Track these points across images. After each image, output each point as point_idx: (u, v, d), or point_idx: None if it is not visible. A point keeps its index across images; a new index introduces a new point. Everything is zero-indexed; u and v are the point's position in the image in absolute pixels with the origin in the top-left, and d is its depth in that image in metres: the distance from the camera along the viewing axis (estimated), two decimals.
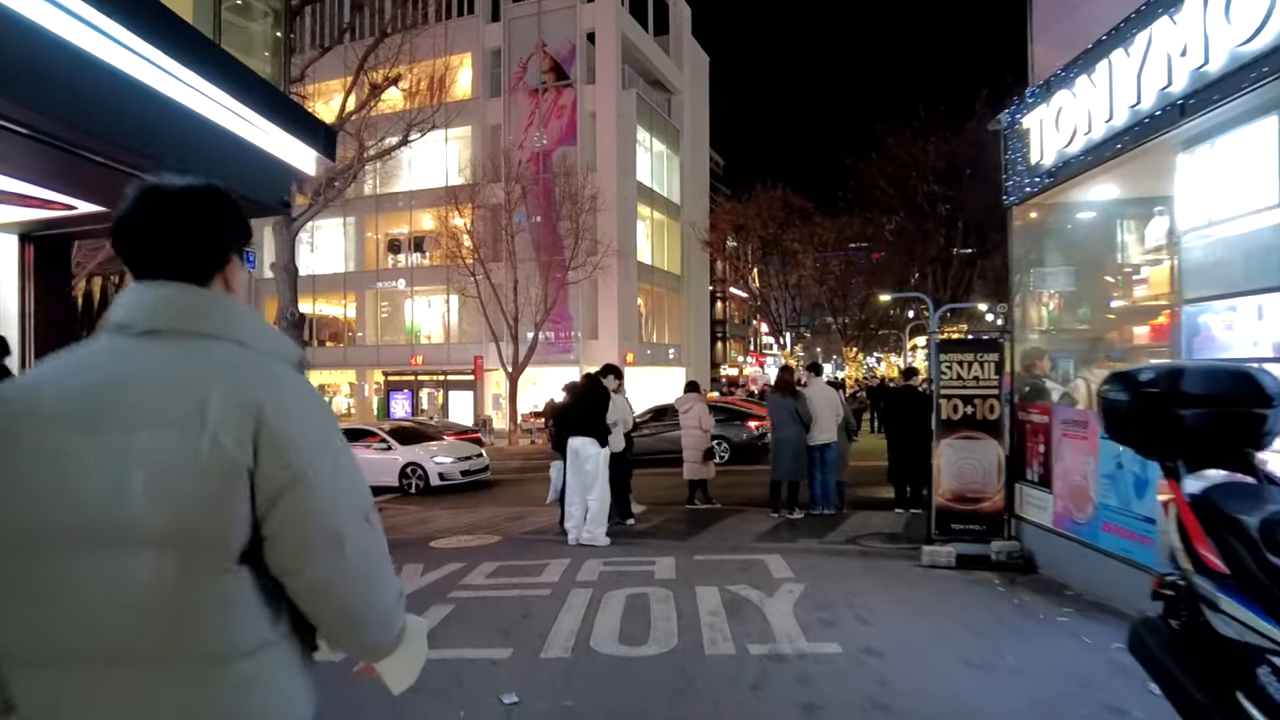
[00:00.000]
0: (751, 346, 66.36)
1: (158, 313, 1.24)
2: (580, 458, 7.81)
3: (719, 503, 10.25)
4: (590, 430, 7.82)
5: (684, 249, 39.48)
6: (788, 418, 9.04)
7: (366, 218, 36.58)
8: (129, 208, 1.26)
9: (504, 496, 13.76)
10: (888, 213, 28.05)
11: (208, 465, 1.13)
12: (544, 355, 31.17)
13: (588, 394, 8.11)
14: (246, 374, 1.21)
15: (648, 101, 35.89)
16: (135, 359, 1.20)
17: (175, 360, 1.20)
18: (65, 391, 1.18)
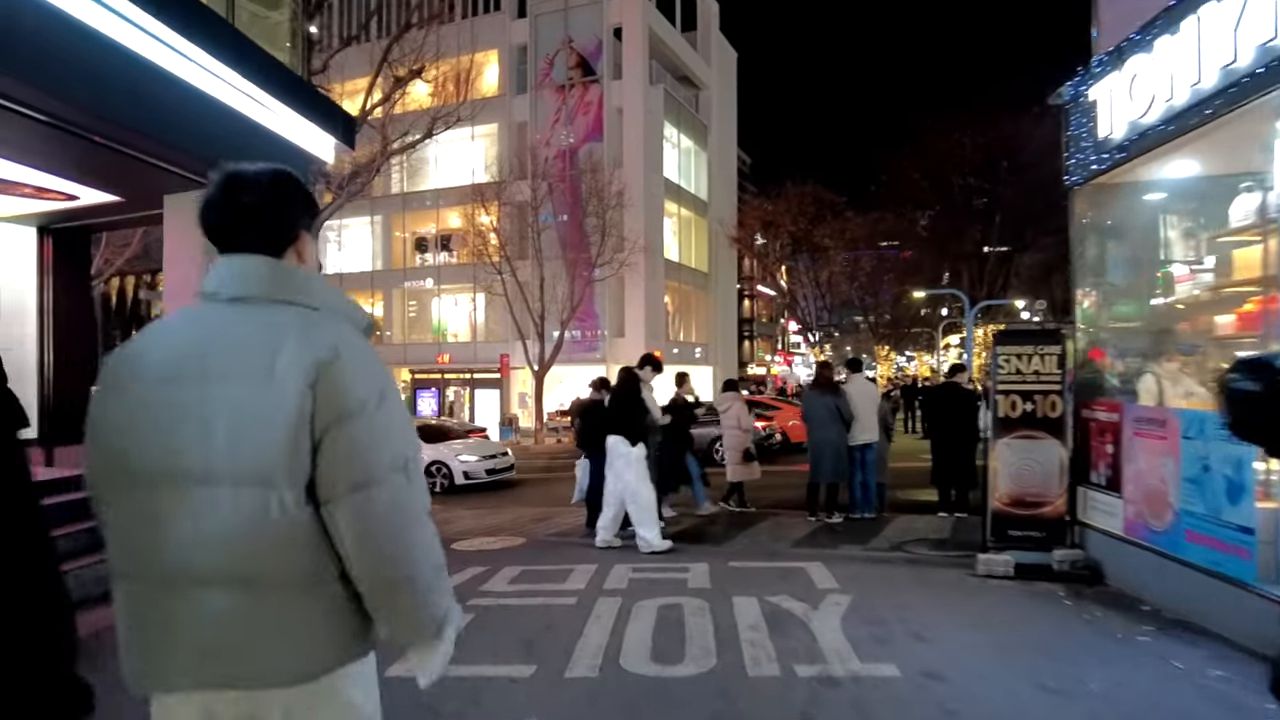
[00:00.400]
0: (779, 345, 65.68)
1: (241, 281, 1.43)
2: (611, 457, 7.38)
3: (752, 506, 9.80)
4: (622, 428, 7.37)
5: (711, 246, 38.98)
6: (827, 417, 8.55)
7: (394, 216, 36.55)
8: (213, 191, 1.46)
9: (529, 496, 13.41)
10: (922, 208, 27.30)
11: (279, 413, 1.30)
12: (570, 354, 30.86)
13: (621, 388, 7.65)
14: (315, 333, 1.37)
15: (675, 97, 35.44)
16: (223, 322, 1.39)
17: (256, 322, 1.38)
18: (165, 350, 1.39)
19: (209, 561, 1.31)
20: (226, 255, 1.45)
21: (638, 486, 7.19)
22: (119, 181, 7.36)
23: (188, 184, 7.02)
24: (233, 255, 1.44)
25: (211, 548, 1.31)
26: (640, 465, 7.29)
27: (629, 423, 7.36)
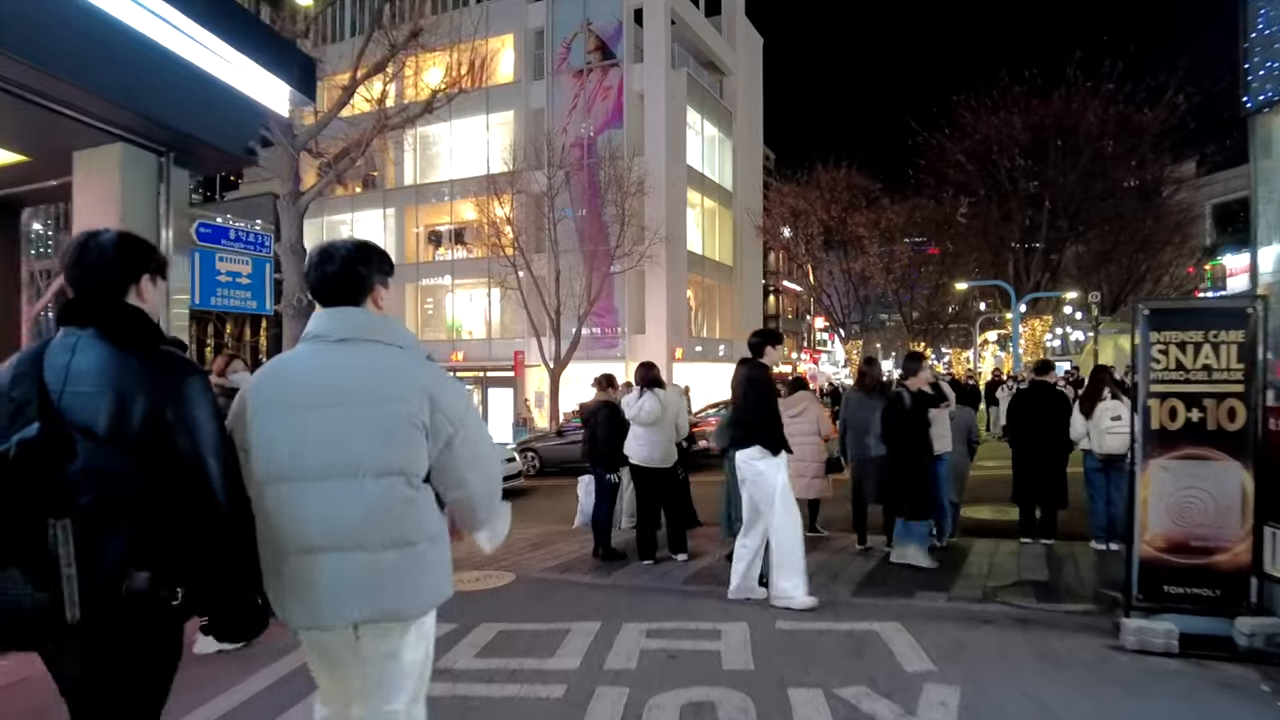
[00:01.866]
0: (805, 343, 63.84)
1: (343, 328, 2.07)
2: (747, 475, 5.44)
3: (825, 530, 8.05)
4: (759, 433, 5.40)
5: (736, 238, 37.26)
6: (873, 425, 6.89)
7: (407, 208, 35.25)
8: (313, 262, 2.13)
9: (534, 511, 11.88)
10: (964, 193, 25.37)
11: (406, 424, 1.99)
12: (589, 350, 29.34)
13: (753, 381, 5.46)
14: (413, 368, 2.07)
15: (699, 82, 33.76)
16: (336, 357, 2.05)
17: (359, 359, 2.05)
18: (299, 377, 2.05)
19: (362, 532, 1.97)
20: (327, 309, 2.11)
21: (783, 516, 5.25)
22: (21, 136, 5.91)
23: (101, 137, 5.53)
24: (332, 309, 2.10)
25: (366, 522, 1.98)
26: (787, 488, 5.32)
27: (767, 427, 5.35)
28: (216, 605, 1.92)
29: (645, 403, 6.73)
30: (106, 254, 1.96)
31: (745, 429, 5.42)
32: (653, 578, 6.29)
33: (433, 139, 35.17)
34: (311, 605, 1.98)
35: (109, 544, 1.72)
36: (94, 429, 1.77)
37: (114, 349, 1.87)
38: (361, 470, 1.96)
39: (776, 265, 50.86)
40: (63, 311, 1.93)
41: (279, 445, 1.97)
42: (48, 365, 1.84)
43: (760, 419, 5.37)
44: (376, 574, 1.96)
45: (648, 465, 6.91)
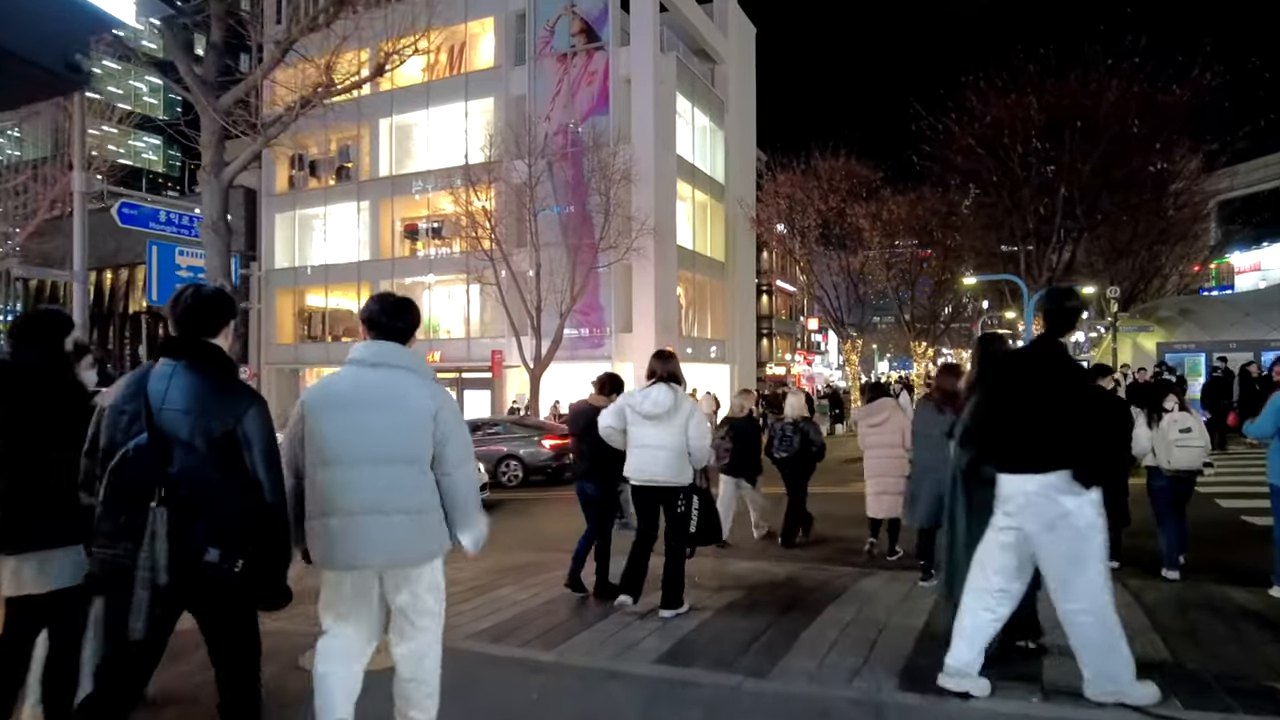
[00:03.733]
0: (799, 344, 62.37)
1: (380, 356, 2.94)
2: (1045, 514, 3.61)
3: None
4: (1091, 455, 3.64)
5: (729, 233, 35.64)
6: (939, 439, 5.38)
7: (382, 202, 33.52)
8: (376, 308, 3.02)
9: (504, 529, 10.21)
10: (973, 180, 23.76)
11: (417, 426, 2.86)
12: (573, 350, 27.72)
13: (1088, 388, 4.04)
14: (425, 386, 2.94)
15: (689, 68, 32.15)
16: (373, 377, 2.91)
17: (390, 379, 2.90)
18: (346, 389, 2.90)
19: (385, 501, 2.79)
20: (372, 339, 2.99)
21: (1104, 579, 3.54)
22: None
23: None
24: (376, 340, 2.98)
25: (388, 494, 2.80)
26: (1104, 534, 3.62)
27: (1105, 447, 3.87)
28: (263, 577, 2.66)
29: (654, 392, 5.25)
30: (206, 304, 2.76)
31: (1077, 449, 3.53)
32: (615, 651, 4.61)
33: (409, 128, 33.49)
34: (350, 551, 2.80)
35: (193, 528, 2.45)
36: (184, 439, 2.50)
37: (201, 378, 2.62)
38: (389, 456, 2.83)
39: (770, 264, 49.34)
40: (164, 346, 2.69)
41: (331, 439, 2.83)
42: (151, 388, 2.57)
43: (1096, 438, 3.66)
44: (406, 529, 2.84)
45: (649, 483, 5.36)
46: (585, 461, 6.05)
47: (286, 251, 35.99)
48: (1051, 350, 3.69)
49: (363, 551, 2.77)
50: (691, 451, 5.21)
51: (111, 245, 35.34)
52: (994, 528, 3.63)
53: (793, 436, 8.47)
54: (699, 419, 5.26)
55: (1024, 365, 3.75)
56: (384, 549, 2.79)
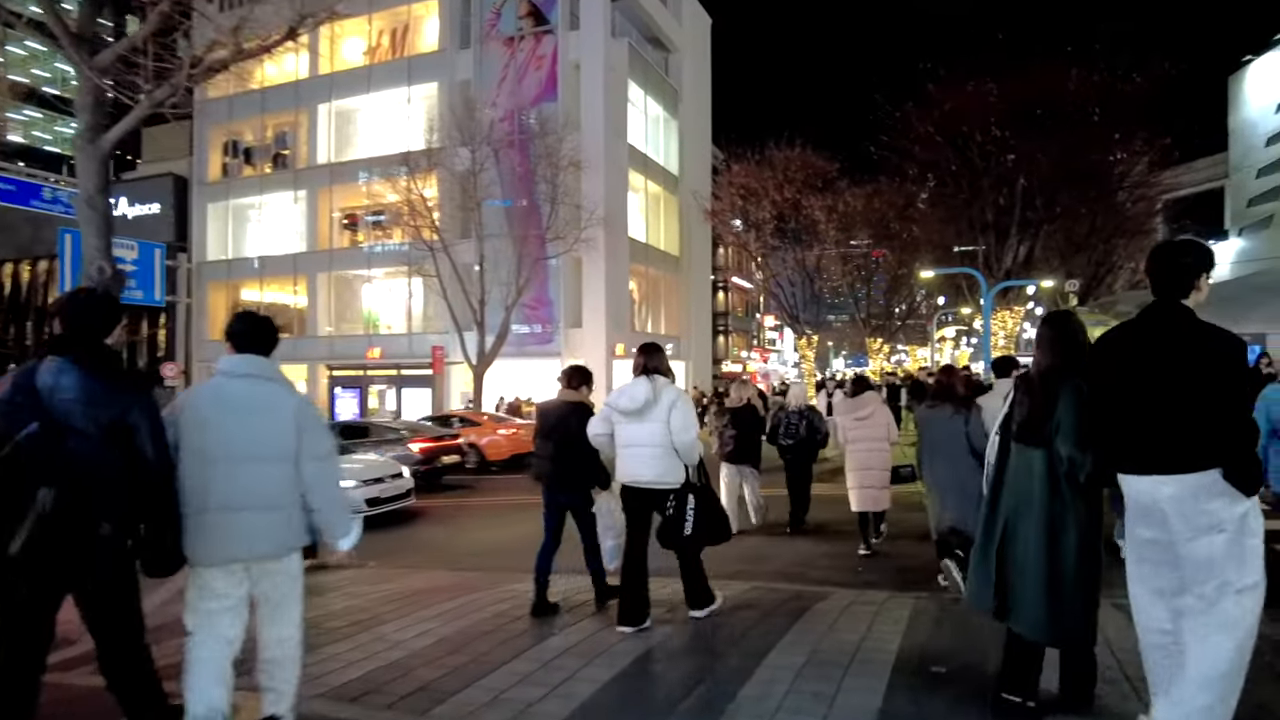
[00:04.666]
0: (755, 341, 61.95)
1: (246, 368, 3.13)
2: (1195, 522, 2.87)
3: None
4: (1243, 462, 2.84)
5: (683, 227, 34.76)
6: (954, 446, 5.60)
7: (320, 191, 31.91)
8: (240, 327, 3.19)
9: (428, 540, 9.16)
10: (931, 169, 23.14)
11: (285, 429, 3.05)
12: (520, 346, 26.58)
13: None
14: (288, 393, 3.17)
15: (641, 55, 31.15)
16: (242, 386, 3.10)
17: (255, 388, 3.11)
18: (221, 395, 3.09)
19: (253, 498, 2.98)
20: (235, 353, 3.15)
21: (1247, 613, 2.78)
22: None
23: None
24: (241, 354, 3.14)
25: (260, 490, 3.00)
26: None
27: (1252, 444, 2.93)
28: (151, 548, 2.93)
29: (631, 385, 4.86)
30: (94, 306, 3.04)
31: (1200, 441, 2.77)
32: (500, 718, 3.56)
33: (349, 114, 31.92)
34: (228, 545, 2.98)
35: (86, 505, 2.71)
36: (77, 426, 2.73)
37: (88, 376, 2.80)
38: (261, 455, 3.02)
39: (727, 260, 48.64)
40: (53, 343, 2.87)
41: (210, 439, 2.98)
42: (40, 383, 2.75)
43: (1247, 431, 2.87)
44: (266, 525, 3.03)
45: (636, 485, 4.82)
46: (552, 465, 5.32)
47: (219, 243, 34.12)
48: (1179, 319, 2.86)
49: (239, 545, 2.99)
50: (677, 447, 4.68)
51: (27, 234, 33.18)
52: (1135, 547, 2.93)
53: (798, 424, 8.70)
54: (682, 410, 4.70)
55: (1148, 342, 2.92)
56: (257, 542, 3.02)
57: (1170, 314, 2.88)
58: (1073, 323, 3.42)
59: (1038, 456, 3.18)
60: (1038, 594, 3.12)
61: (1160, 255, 2.98)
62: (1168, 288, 2.90)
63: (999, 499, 3.34)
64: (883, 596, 5.54)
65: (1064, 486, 3.12)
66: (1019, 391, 3.36)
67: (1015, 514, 3.24)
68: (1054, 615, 3.09)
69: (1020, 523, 3.22)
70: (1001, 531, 3.27)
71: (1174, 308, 2.87)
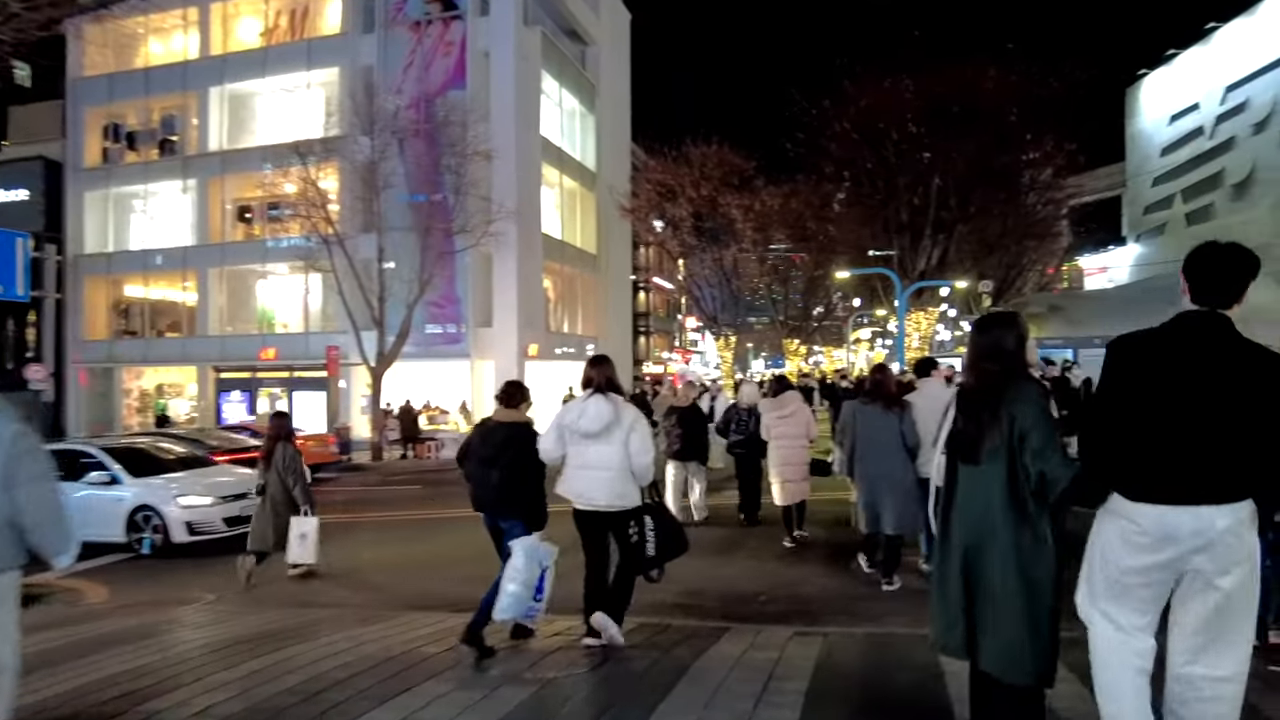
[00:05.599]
0: (677, 342, 61.68)
1: None
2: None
3: None
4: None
5: (601, 225, 33.90)
6: (889, 442, 6.17)
7: (211, 180, 29.71)
8: None
9: (206, 573, 7.96)
10: (847, 167, 22.94)
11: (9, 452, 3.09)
12: (427, 347, 25.24)
13: None
14: (7, 421, 3.12)
15: (557, 45, 30.16)
16: None
17: None
18: None
19: None
20: None
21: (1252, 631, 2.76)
22: None
23: None
24: None
25: None
26: None
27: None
28: None
29: (592, 405, 4.63)
30: None
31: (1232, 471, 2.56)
32: None
33: (244, 98, 29.86)
34: None
35: None
36: None
37: None
38: None
39: (647, 261, 48.08)
40: None
41: None
42: None
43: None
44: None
45: (593, 509, 4.66)
46: (498, 490, 4.84)
47: (99, 234, 31.44)
48: (1226, 332, 2.58)
49: None
50: (634, 470, 4.59)
51: None
52: (1124, 577, 2.65)
53: (748, 420, 8.99)
54: (642, 432, 4.62)
55: (1192, 356, 2.60)
56: None
57: (1216, 326, 2.59)
58: (1021, 324, 3.03)
59: (994, 478, 2.81)
60: (1018, 631, 2.76)
61: (1206, 256, 2.66)
62: (1213, 294, 2.61)
63: (950, 527, 2.96)
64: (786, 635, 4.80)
65: (1031, 511, 2.79)
66: (962, 406, 2.99)
67: (976, 547, 2.86)
68: (1036, 653, 2.76)
69: (983, 556, 2.84)
70: (961, 565, 2.89)
71: (1218, 320, 2.59)
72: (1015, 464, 2.76)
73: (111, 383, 31.20)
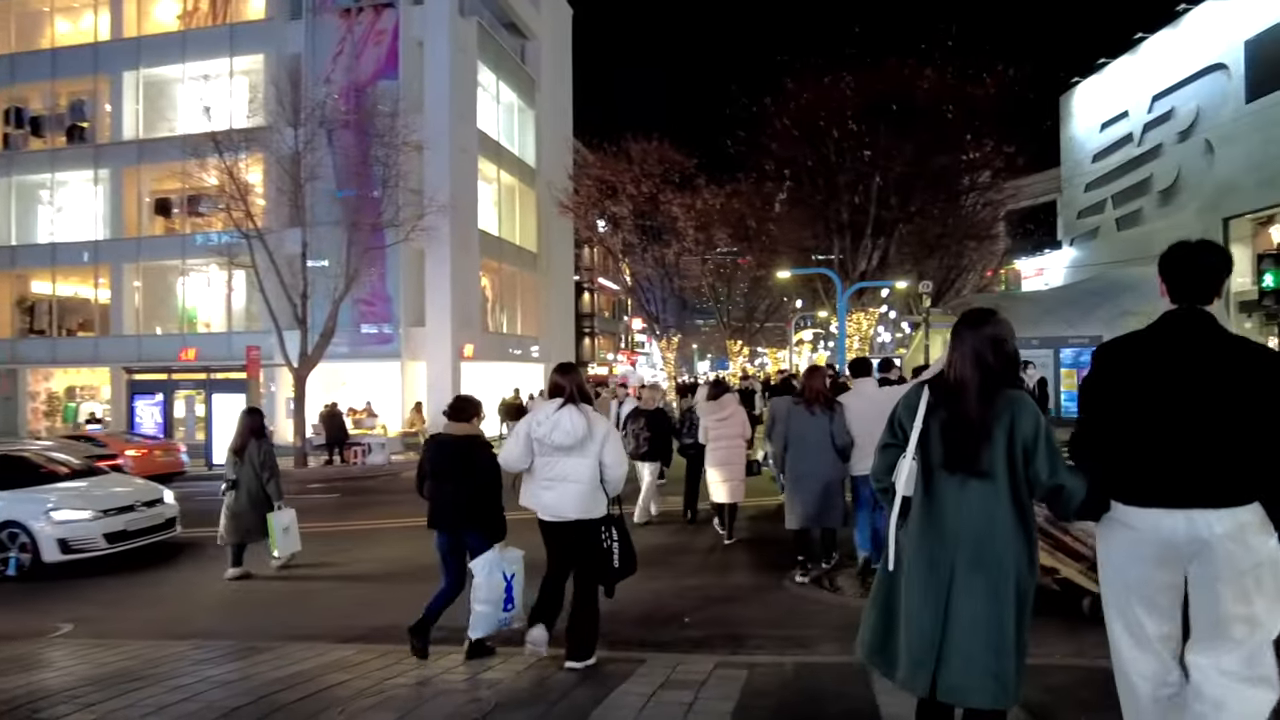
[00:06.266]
0: (623, 344, 61.13)
1: None
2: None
3: None
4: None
5: (541, 223, 33.13)
6: (821, 442, 6.30)
7: (126, 171, 28.11)
8: None
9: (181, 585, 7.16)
10: (787, 167, 22.68)
11: None
12: (357, 347, 24.23)
13: None
14: None
15: (494, 37, 29.33)
16: None
17: None
18: None
19: None
20: None
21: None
22: None
23: None
24: None
25: None
26: None
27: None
28: None
29: (564, 418, 4.42)
30: None
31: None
32: None
33: (162, 84, 28.26)
34: None
35: None
36: None
37: None
38: None
39: (592, 261, 47.44)
40: None
41: None
42: None
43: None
44: None
45: (560, 521, 4.50)
46: (454, 504, 4.84)
47: (0, 226, 29.45)
48: (1210, 329, 2.53)
49: None
50: (606, 481, 4.49)
51: None
52: (1135, 590, 2.56)
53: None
54: (615, 444, 4.53)
55: (1177, 355, 2.54)
56: None
57: (1199, 323, 2.54)
58: (1007, 325, 2.78)
59: (995, 493, 2.55)
60: (1000, 656, 2.53)
61: (1180, 256, 2.62)
62: (1192, 292, 2.58)
63: (926, 547, 2.62)
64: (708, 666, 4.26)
65: (1032, 531, 2.60)
66: (947, 405, 2.66)
67: (969, 572, 2.56)
68: (1017, 669, 2.55)
69: (976, 581, 2.55)
70: (945, 592, 2.58)
71: (1201, 316, 2.56)
72: (1017, 478, 2.53)
73: (16, 385, 29.23)
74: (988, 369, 2.62)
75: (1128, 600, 2.54)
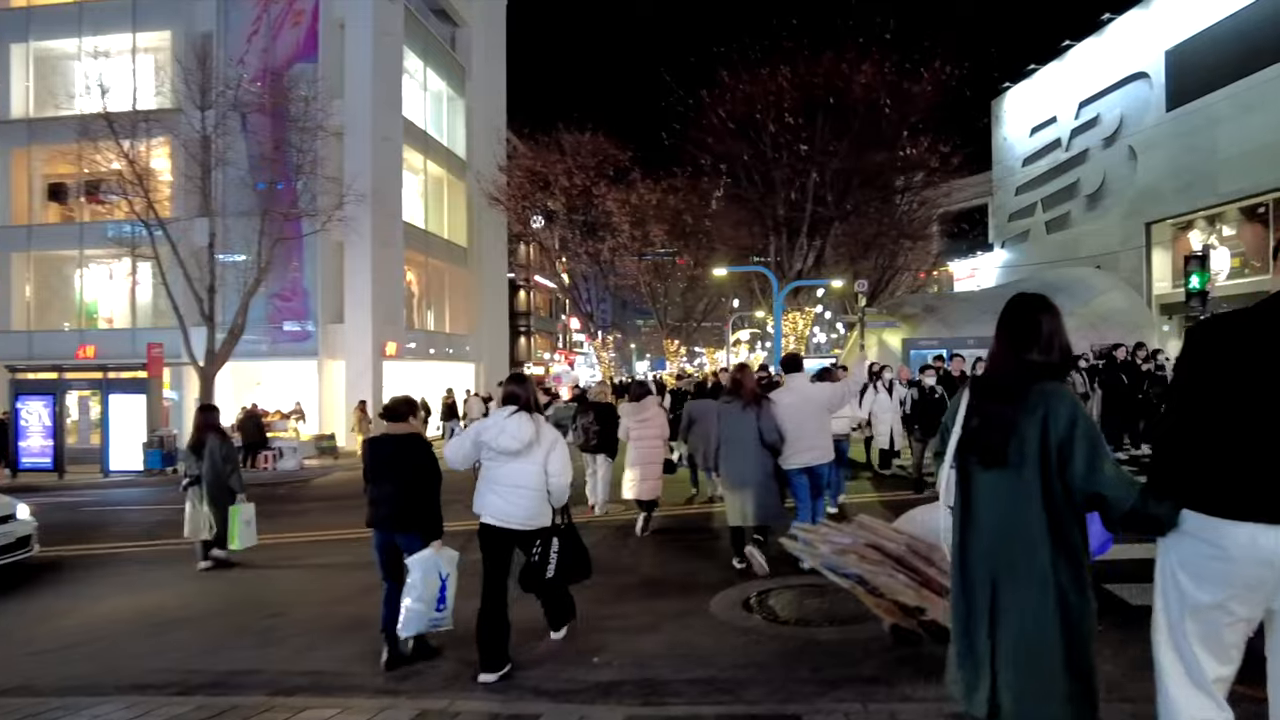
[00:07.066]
0: (560, 343, 60.19)
1: None
2: None
3: None
4: None
5: (472, 217, 32.04)
6: (749, 439, 6.39)
7: (15, 151, 26.01)
8: None
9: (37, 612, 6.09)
10: (723, 162, 22.25)
11: None
12: (273, 344, 22.89)
13: None
14: None
15: (422, 23, 28.17)
16: None
17: None
18: None
19: None
20: None
21: None
22: None
23: None
24: None
25: None
26: None
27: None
28: None
29: (512, 424, 4.52)
30: None
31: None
32: None
33: (55, 60, 26.21)
34: None
35: None
36: None
37: None
38: None
39: (528, 258, 46.40)
40: None
41: None
42: None
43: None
44: None
45: (504, 526, 4.52)
46: (393, 505, 4.84)
47: None
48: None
49: None
50: (551, 490, 4.62)
51: None
52: (1204, 612, 2.16)
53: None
54: (561, 453, 4.64)
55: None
56: None
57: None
58: (1053, 314, 2.60)
59: (1024, 489, 2.38)
60: (1058, 684, 2.33)
61: None
62: None
63: (969, 556, 2.52)
64: None
65: (1074, 542, 2.38)
66: (984, 399, 2.54)
67: (1002, 577, 2.43)
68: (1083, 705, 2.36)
69: (1010, 588, 2.41)
70: (988, 603, 2.45)
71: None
72: (1050, 477, 2.34)
73: None
74: (1029, 362, 2.47)
75: (1187, 632, 2.20)
